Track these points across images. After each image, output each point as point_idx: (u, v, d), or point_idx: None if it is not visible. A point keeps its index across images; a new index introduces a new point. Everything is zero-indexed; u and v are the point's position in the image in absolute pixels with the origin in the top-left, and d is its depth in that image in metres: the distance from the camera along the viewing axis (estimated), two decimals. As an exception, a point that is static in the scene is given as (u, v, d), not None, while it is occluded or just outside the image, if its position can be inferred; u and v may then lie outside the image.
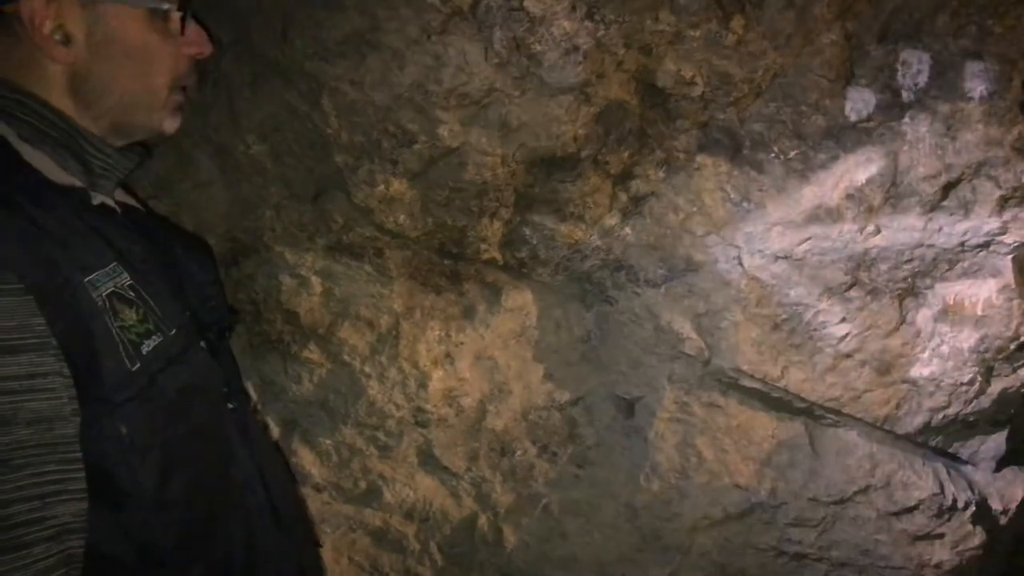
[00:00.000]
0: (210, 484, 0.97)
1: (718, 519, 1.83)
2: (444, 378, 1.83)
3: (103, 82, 0.91)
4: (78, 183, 0.92)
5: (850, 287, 1.74)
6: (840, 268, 1.74)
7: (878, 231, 1.72)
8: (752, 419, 1.82)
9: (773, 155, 1.72)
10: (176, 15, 0.93)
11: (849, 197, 1.71)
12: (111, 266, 0.88)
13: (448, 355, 1.83)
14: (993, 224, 1.70)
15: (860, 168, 1.70)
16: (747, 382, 1.80)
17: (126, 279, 0.90)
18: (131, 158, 0.98)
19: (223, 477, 1.00)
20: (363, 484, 1.88)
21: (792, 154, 1.71)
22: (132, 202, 1.08)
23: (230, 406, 1.03)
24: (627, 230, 1.77)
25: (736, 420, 1.81)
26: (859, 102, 1.69)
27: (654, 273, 1.78)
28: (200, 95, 1.66)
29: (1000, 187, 1.69)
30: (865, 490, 1.81)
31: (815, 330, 1.77)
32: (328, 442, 1.85)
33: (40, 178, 0.88)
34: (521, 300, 1.82)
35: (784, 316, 1.77)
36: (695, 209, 1.75)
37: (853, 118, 1.69)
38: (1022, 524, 1.93)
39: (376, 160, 1.64)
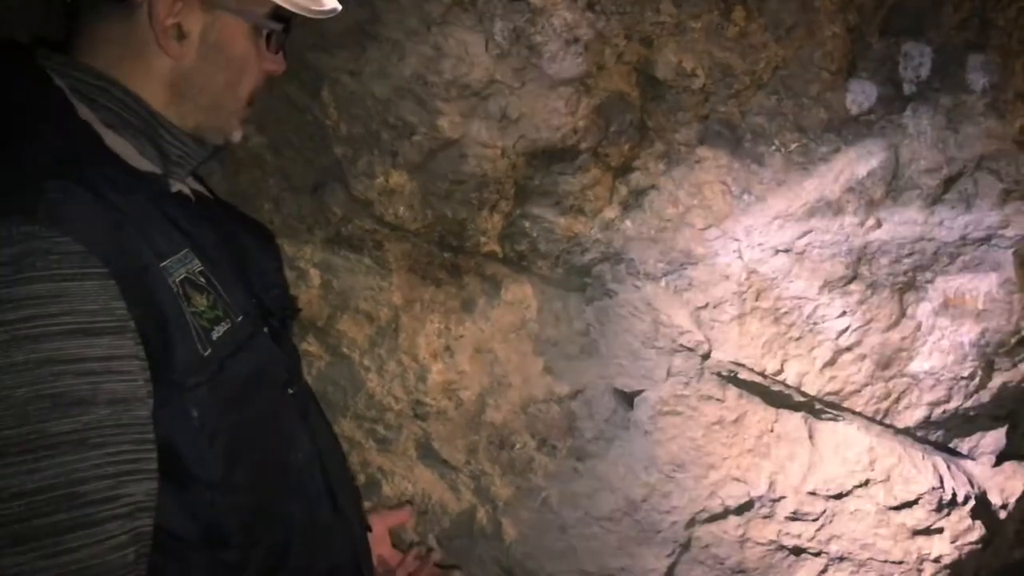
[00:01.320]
0: (273, 468, 1.00)
1: (717, 512, 1.82)
2: (443, 371, 1.83)
3: (200, 83, 0.96)
4: (156, 170, 0.96)
5: (850, 281, 1.74)
6: (840, 262, 1.73)
7: (879, 224, 1.72)
8: (751, 413, 1.81)
9: (774, 148, 1.71)
10: (276, 36, 0.99)
11: (850, 190, 1.70)
12: (183, 252, 0.91)
13: (447, 348, 1.82)
14: (994, 218, 1.70)
15: (861, 161, 1.70)
16: (746, 376, 1.80)
17: (197, 266, 0.92)
18: (206, 148, 1.02)
19: (285, 461, 1.02)
20: (362, 477, 1.88)
21: (793, 147, 1.71)
22: (203, 190, 1.11)
23: (291, 391, 1.05)
24: (627, 223, 1.76)
25: (735, 414, 1.81)
26: (860, 95, 1.68)
27: (654, 266, 1.78)
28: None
29: (1002, 180, 1.68)
30: (865, 484, 1.81)
31: (815, 324, 1.77)
32: (327, 435, 1.84)
33: (121, 164, 0.91)
34: (521, 293, 1.82)
35: (784, 310, 1.76)
36: (695, 202, 1.74)
37: (854, 111, 1.69)
38: (1021, 518, 1.93)
39: (376, 152, 1.63)
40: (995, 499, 1.88)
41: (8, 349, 0.75)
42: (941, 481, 1.81)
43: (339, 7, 1.06)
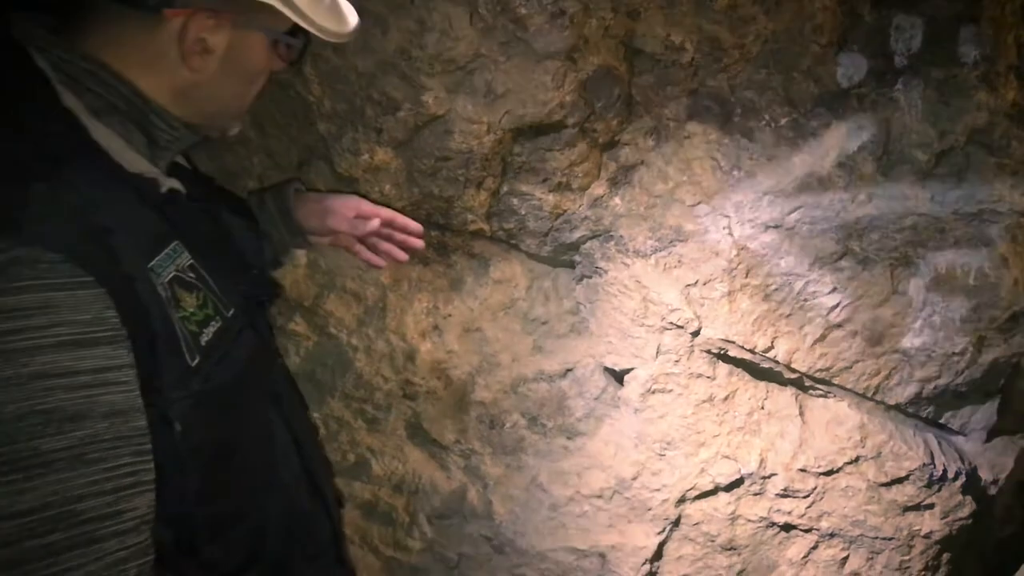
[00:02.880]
0: (250, 471, 0.98)
1: (707, 490, 1.82)
2: (432, 350, 1.82)
3: (213, 92, 0.94)
4: (146, 170, 0.92)
5: (841, 256, 1.73)
6: (831, 237, 1.72)
7: (870, 199, 1.70)
8: (742, 390, 1.81)
9: (764, 122, 1.69)
10: (296, 48, 0.98)
11: (840, 165, 1.69)
12: (172, 246, 0.88)
13: (436, 327, 1.81)
14: (986, 192, 1.68)
15: (852, 135, 1.68)
16: (736, 353, 1.79)
17: (187, 259, 0.90)
18: (197, 133, 0.99)
19: (262, 463, 1.01)
20: (352, 457, 1.87)
21: (783, 121, 1.69)
22: (187, 166, 1.10)
23: (269, 378, 1.05)
24: (616, 200, 1.74)
25: (725, 391, 1.80)
26: (851, 68, 1.66)
27: (643, 243, 1.76)
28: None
29: (994, 154, 1.67)
30: (855, 461, 1.81)
31: (805, 300, 1.76)
32: (316, 415, 1.83)
33: (107, 161, 0.87)
34: (509, 271, 1.80)
35: (774, 286, 1.75)
36: (685, 178, 1.72)
37: (845, 84, 1.67)
38: (1011, 494, 1.93)
39: (360, 128, 1.61)
40: (986, 475, 1.88)
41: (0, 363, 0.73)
42: (932, 457, 1.81)
43: (356, 29, 1.04)
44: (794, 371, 1.80)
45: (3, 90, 0.83)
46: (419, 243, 1.35)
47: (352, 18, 1.03)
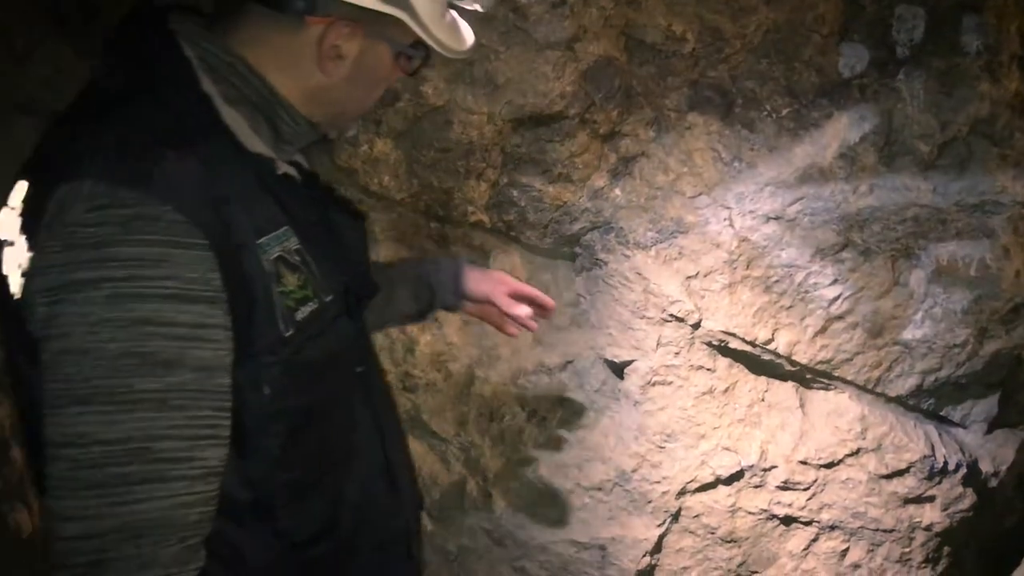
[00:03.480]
0: (331, 449, 1.02)
1: (708, 482, 1.82)
2: (432, 343, 1.81)
3: (340, 95, 1.01)
4: (266, 151, 0.99)
5: (842, 248, 1.72)
6: (832, 229, 1.71)
7: (871, 191, 1.70)
8: (742, 382, 1.80)
9: (765, 113, 1.68)
10: (417, 60, 1.03)
11: (842, 156, 1.68)
12: (282, 230, 0.94)
13: (435, 319, 1.81)
14: (989, 183, 1.68)
15: (853, 126, 1.67)
16: (737, 345, 1.78)
17: (294, 243, 0.95)
18: (317, 131, 1.05)
19: (345, 443, 1.05)
20: (351, 449, 1.87)
21: (784, 112, 1.68)
22: (305, 164, 1.15)
23: (358, 370, 1.09)
24: (616, 191, 1.74)
25: (726, 383, 1.80)
26: (853, 58, 1.66)
27: (644, 235, 1.76)
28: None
29: (996, 145, 1.66)
30: (856, 453, 1.80)
31: (806, 292, 1.75)
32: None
33: (234, 142, 0.95)
34: (510, 264, 1.80)
35: (775, 278, 1.74)
36: (686, 169, 1.72)
37: (847, 75, 1.66)
38: (1012, 486, 1.93)
39: (359, 119, 1.60)
40: (986, 467, 1.87)
41: (110, 304, 0.80)
42: (932, 449, 1.81)
43: (472, 48, 1.10)
44: (795, 363, 1.80)
45: (154, 72, 0.93)
46: (551, 314, 1.45)
47: (469, 37, 1.09)
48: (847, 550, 1.86)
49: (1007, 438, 1.90)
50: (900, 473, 1.81)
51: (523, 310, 1.36)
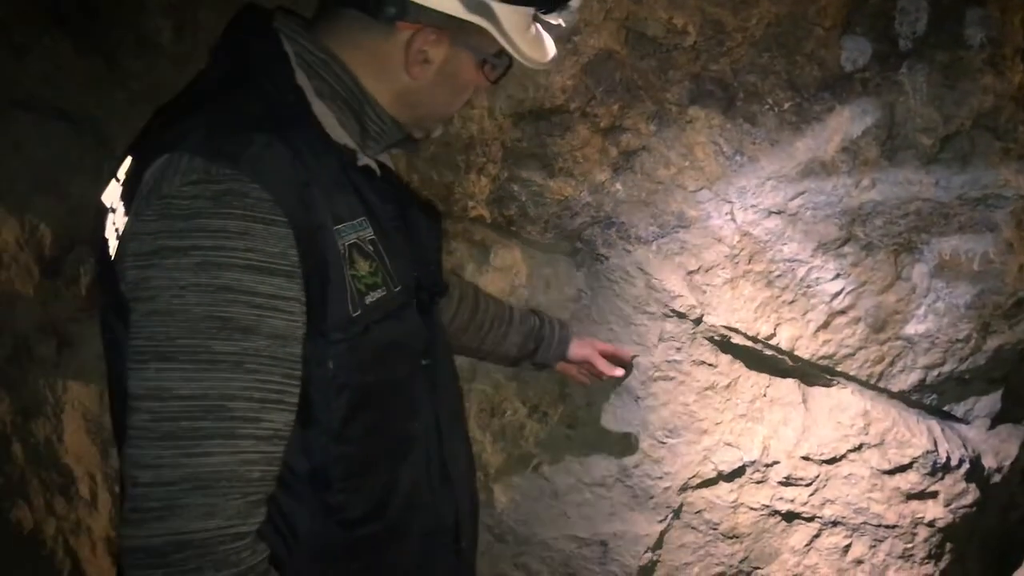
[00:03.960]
0: (389, 432, 1.07)
1: (710, 477, 1.81)
2: (432, 338, 1.80)
3: (426, 98, 1.08)
4: (350, 143, 1.05)
5: (844, 243, 1.71)
6: (834, 223, 1.70)
7: (873, 185, 1.69)
8: (744, 377, 1.80)
9: (767, 107, 1.67)
10: (500, 69, 1.09)
11: (844, 150, 1.67)
12: (359, 220, 1.01)
13: (436, 315, 1.80)
14: (992, 177, 1.67)
15: (856, 120, 1.66)
16: (739, 340, 1.78)
17: (369, 234, 1.02)
18: (402, 131, 1.10)
19: (403, 429, 1.10)
20: (352, 445, 1.86)
21: (786, 106, 1.67)
22: (390, 165, 1.20)
23: (424, 362, 1.12)
24: (618, 186, 1.73)
25: (728, 378, 1.79)
26: (855, 52, 1.65)
27: (645, 230, 1.75)
28: (177, 47, 1.62)
29: (1000, 138, 1.65)
30: (858, 448, 1.80)
31: (808, 287, 1.74)
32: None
33: (320, 132, 1.01)
34: (510, 259, 1.79)
35: (777, 273, 1.74)
36: (687, 163, 1.71)
37: (849, 68, 1.65)
38: (1016, 481, 1.92)
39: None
40: (989, 462, 1.87)
41: (197, 270, 0.86)
42: (935, 445, 1.80)
43: (553, 60, 1.16)
44: (797, 358, 1.79)
45: (256, 64, 1.01)
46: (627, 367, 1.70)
47: (552, 50, 1.14)
48: (849, 546, 1.86)
49: (1010, 433, 1.89)
50: (903, 469, 1.80)
51: (619, 372, 1.62)
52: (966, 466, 1.81)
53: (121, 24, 1.65)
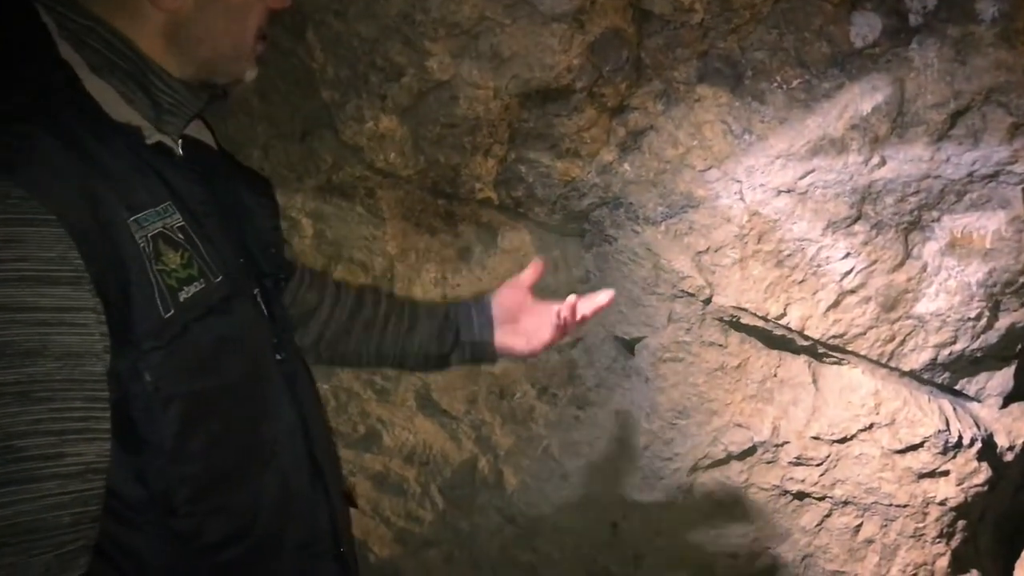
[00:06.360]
0: (239, 439, 0.95)
1: (720, 458, 1.81)
2: (441, 321, 1.80)
3: (198, 34, 0.93)
4: (135, 120, 0.91)
5: (854, 221, 1.70)
6: (844, 202, 1.69)
7: (884, 162, 1.67)
8: (754, 358, 1.79)
9: (775, 84, 1.66)
10: None
11: (854, 127, 1.65)
12: (163, 205, 0.88)
13: (444, 297, 1.80)
14: (1003, 153, 1.65)
15: (865, 97, 1.64)
16: (749, 320, 1.77)
17: (177, 220, 0.89)
18: (201, 97, 0.97)
19: (256, 432, 0.98)
20: (362, 428, 1.87)
21: (795, 83, 1.65)
22: (207, 140, 1.09)
23: (278, 357, 1.02)
24: (625, 166, 1.72)
25: (738, 359, 1.78)
26: (865, 27, 1.63)
27: (654, 210, 1.74)
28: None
29: (1012, 114, 1.63)
30: (869, 428, 1.79)
31: (818, 266, 1.73)
32: (325, 386, 1.83)
33: (96, 111, 0.88)
34: (518, 240, 1.79)
35: (787, 252, 1.73)
36: (695, 143, 1.70)
37: (858, 44, 1.63)
38: (1028, 460, 1.91)
39: (364, 95, 1.59)
40: (1002, 441, 1.85)
41: None
42: (947, 424, 1.79)
43: None
44: (807, 338, 1.78)
45: (8, 42, 0.86)
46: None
47: None
48: (860, 525, 1.85)
49: (1022, 412, 1.88)
50: (914, 448, 1.79)
51: (571, 298, 1.27)
52: (978, 445, 1.80)
53: None
